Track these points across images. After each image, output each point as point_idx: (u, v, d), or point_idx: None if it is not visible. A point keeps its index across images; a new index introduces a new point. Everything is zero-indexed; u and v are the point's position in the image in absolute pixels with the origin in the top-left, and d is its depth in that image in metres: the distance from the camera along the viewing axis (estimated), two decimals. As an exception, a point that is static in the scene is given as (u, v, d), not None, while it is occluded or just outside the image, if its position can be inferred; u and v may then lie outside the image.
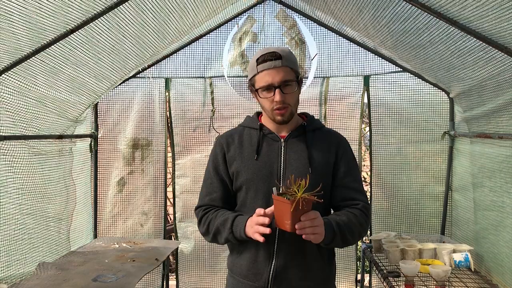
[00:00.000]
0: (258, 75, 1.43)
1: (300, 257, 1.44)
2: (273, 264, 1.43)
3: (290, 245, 1.42)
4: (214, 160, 1.55)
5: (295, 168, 1.45)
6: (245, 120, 1.63)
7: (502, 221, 2.09)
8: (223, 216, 1.45)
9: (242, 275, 1.49)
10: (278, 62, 1.41)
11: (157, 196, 3.10)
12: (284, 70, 1.42)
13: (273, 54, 1.41)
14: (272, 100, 1.42)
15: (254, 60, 1.44)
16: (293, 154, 1.48)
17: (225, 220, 1.43)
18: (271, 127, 1.53)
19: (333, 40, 2.90)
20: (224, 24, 2.94)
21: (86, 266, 2.31)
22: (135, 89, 3.02)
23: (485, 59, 1.83)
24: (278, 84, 1.40)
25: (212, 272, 3.11)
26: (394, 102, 2.88)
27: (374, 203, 3.00)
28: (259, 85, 1.43)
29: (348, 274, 3.06)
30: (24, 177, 2.19)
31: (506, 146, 2.06)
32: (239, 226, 1.38)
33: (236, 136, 1.55)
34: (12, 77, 1.98)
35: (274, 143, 1.50)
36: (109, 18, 1.96)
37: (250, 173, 1.46)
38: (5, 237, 2.05)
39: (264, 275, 1.44)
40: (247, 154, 1.50)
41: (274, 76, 1.40)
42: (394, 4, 1.83)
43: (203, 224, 1.52)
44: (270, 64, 1.40)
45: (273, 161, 1.47)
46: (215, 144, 1.59)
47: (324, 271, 1.50)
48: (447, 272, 1.99)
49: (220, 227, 1.44)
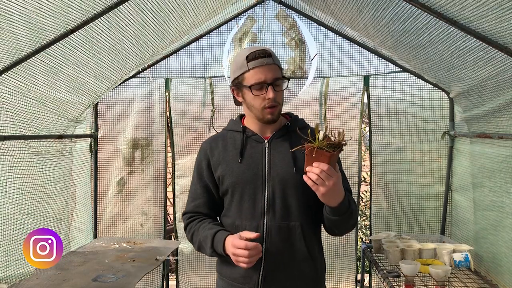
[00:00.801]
0: (248, 72, 1.41)
1: (289, 258, 1.43)
2: (262, 266, 1.42)
3: (279, 246, 1.42)
4: (198, 166, 1.55)
5: (279, 168, 1.44)
6: (228, 123, 1.62)
7: (502, 221, 2.09)
8: (204, 231, 1.46)
9: (231, 278, 1.48)
10: (270, 59, 1.40)
11: (157, 196, 3.10)
12: (274, 67, 1.41)
13: (264, 52, 1.40)
14: (263, 98, 1.41)
15: (243, 58, 1.41)
16: (277, 155, 1.46)
17: (205, 237, 1.44)
18: (254, 128, 1.52)
19: (333, 40, 2.89)
20: (224, 24, 2.94)
21: (86, 266, 2.31)
22: (135, 89, 3.02)
23: (485, 59, 1.83)
24: (271, 82, 1.39)
25: (212, 272, 3.11)
26: (394, 102, 2.88)
27: (374, 203, 3.00)
28: (250, 82, 1.41)
29: (348, 274, 3.06)
30: (24, 177, 2.19)
31: (506, 146, 2.06)
32: (218, 244, 1.39)
33: (220, 141, 1.54)
34: (12, 77, 1.98)
35: (258, 144, 1.49)
36: (109, 18, 1.96)
37: (235, 176, 1.45)
38: (5, 237, 2.05)
39: (253, 278, 1.43)
40: (231, 158, 1.48)
41: (267, 73, 1.39)
42: (394, 4, 1.83)
43: (188, 232, 1.55)
44: (262, 61, 1.39)
45: (258, 162, 1.46)
46: (199, 150, 1.58)
47: (314, 271, 1.49)
48: (447, 272, 1.99)
49: (203, 243, 1.46)
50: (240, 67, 1.43)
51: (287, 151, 1.46)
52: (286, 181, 1.43)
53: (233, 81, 1.48)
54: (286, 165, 1.44)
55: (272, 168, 1.45)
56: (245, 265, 1.31)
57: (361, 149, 3.04)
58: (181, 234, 3.12)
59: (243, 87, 1.44)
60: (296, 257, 1.44)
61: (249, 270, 1.42)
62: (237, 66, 1.44)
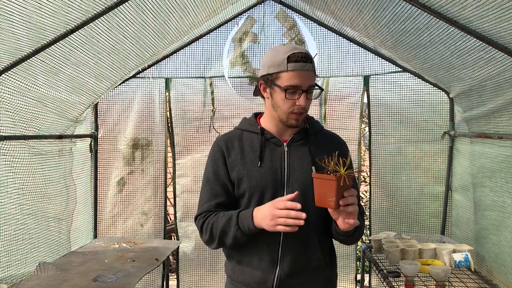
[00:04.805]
0: (286, 73, 1.33)
1: (304, 265, 1.42)
2: (277, 271, 1.40)
3: (295, 253, 1.40)
4: (214, 165, 1.47)
5: (299, 173, 1.41)
6: (242, 122, 1.55)
7: (504, 221, 2.09)
8: (226, 216, 1.38)
9: (243, 283, 1.45)
10: (310, 65, 1.34)
11: (157, 196, 3.10)
12: (312, 75, 1.36)
13: (306, 56, 1.34)
14: (293, 103, 1.35)
15: (284, 56, 1.33)
16: (296, 159, 1.43)
17: (229, 218, 1.36)
18: (272, 130, 1.46)
19: (333, 40, 2.90)
20: (224, 24, 2.94)
21: (86, 266, 2.31)
22: (135, 89, 3.02)
23: (485, 59, 1.83)
24: (306, 89, 1.34)
25: (212, 272, 3.12)
26: (394, 102, 2.88)
27: (374, 203, 3.00)
28: (285, 84, 1.34)
29: (348, 274, 3.07)
30: (24, 177, 2.19)
31: (506, 146, 2.06)
32: (245, 219, 1.32)
33: (236, 141, 1.48)
34: (12, 77, 1.98)
35: (277, 148, 1.44)
36: (109, 18, 1.96)
37: (254, 180, 1.40)
38: (5, 237, 2.05)
39: (267, 283, 1.40)
40: (249, 160, 1.43)
41: (304, 80, 1.33)
42: (394, 4, 1.83)
43: (205, 231, 1.43)
44: (303, 65, 1.33)
45: (277, 166, 1.41)
46: (214, 148, 1.50)
47: (327, 279, 1.49)
48: (447, 272, 1.99)
49: (226, 228, 1.36)
50: (278, 64, 1.35)
51: (306, 156, 1.43)
52: (305, 187, 1.39)
53: (264, 75, 1.40)
54: (305, 170, 1.41)
55: (292, 174, 1.41)
56: (284, 228, 1.22)
57: (361, 149, 3.04)
58: (182, 233, 3.12)
59: (275, 85, 1.37)
60: (311, 264, 1.43)
61: (264, 274, 1.40)
62: (275, 62, 1.36)
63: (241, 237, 1.35)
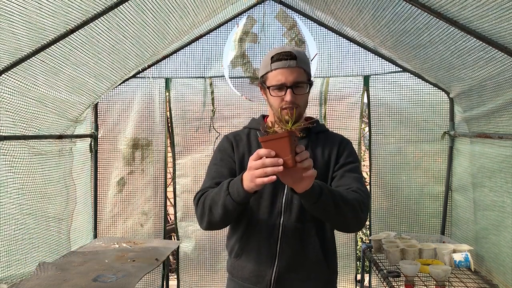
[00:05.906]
0: (271, 73, 1.42)
1: (303, 259, 1.43)
2: (276, 265, 1.42)
3: (294, 247, 1.42)
4: (223, 151, 1.53)
5: None
6: (250, 122, 1.64)
7: (503, 221, 2.09)
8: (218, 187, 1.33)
9: (243, 278, 1.47)
10: (293, 62, 1.39)
11: (157, 196, 3.10)
12: (297, 71, 1.41)
13: (288, 54, 1.40)
14: (281, 99, 1.41)
15: (268, 58, 1.42)
16: None
17: (221, 186, 1.30)
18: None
19: (333, 40, 2.90)
20: (224, 24, 2.94)
21: (86, 266, 2.31)
22: (135, 89, 3.02)
23: (485, 59, 1.83)
24: (290, 84, 1.39)
25: (213, 271, 3.12)
26: (394, 102, 2.88)
27: (374, 203, 3.00)
28: (270, 83, 1.42)
29: (348, 274, 3.07)
30: (24, 177, 2.19)
31: (506, 146, 2.06)
32: (235, 184, 1.23)
33: (244, 136, 1.56)
34: (12, 77, 1.98)
35: None
36: (109, 18, 1.96)
37: None
38: (5, 237, 2.05)
39: (266, 277, 1.42)
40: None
41: (287, 76, 1.39)
42: (394, 4, 1.83)
43: (199, 205, 1.38)
44: (285, 63, 1.39)
45: None
46: (223, 141, 1.57)
47: (326, 273, 1.49)
48: (447, 272, 1.99)
49: (215, 197, 1.30)
50: (265, 66, 1.44)
51: None
52: None
53: (259, 79, 1.51)
54: None
55: None
56: (263, 179, 1.10)
57: (361, 149, 3.04)
58: (182, 233, 3.12)
59: (266, 86, 1.45)
60: (310, 258, 1.44)
61: (262, 268, 1.42)
62: (264, 65, 1.46)
63: (231, 204, 1.25)
